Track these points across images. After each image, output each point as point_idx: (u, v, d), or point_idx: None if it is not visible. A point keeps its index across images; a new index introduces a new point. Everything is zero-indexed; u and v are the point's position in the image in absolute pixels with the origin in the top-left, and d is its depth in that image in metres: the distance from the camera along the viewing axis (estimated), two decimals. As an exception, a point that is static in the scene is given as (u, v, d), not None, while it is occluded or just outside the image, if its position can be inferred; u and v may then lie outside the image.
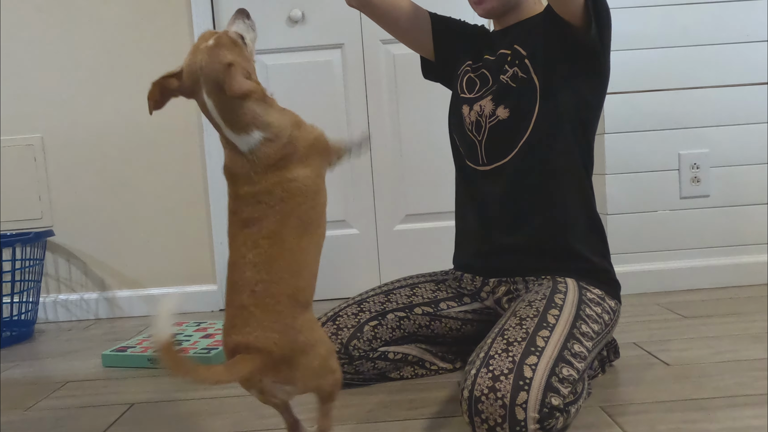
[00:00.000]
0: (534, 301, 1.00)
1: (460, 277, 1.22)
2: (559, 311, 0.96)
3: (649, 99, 1.79)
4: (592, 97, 1.14)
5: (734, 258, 1.81)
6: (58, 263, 1.98)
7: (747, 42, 1.77)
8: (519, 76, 1.10)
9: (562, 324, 0.94)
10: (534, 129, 1.09)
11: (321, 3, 1.95)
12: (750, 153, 1.80)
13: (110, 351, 1.44)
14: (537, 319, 0.94)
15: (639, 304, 1.67)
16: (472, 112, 1.16)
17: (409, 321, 1.14)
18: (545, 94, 1.08)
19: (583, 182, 1.14)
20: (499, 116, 1.11)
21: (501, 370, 0.84)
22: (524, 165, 1.11)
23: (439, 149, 1.99)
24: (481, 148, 1.15)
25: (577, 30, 1.03)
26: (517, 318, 0.95)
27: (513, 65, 1.11)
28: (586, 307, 1.01)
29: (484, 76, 1.16)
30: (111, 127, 1.94)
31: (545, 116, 1.09)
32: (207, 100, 0.77)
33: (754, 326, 1.39)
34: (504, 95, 1.11)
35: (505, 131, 1.11)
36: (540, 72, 1.09)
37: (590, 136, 1.15)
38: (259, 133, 0.77)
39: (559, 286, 1.04)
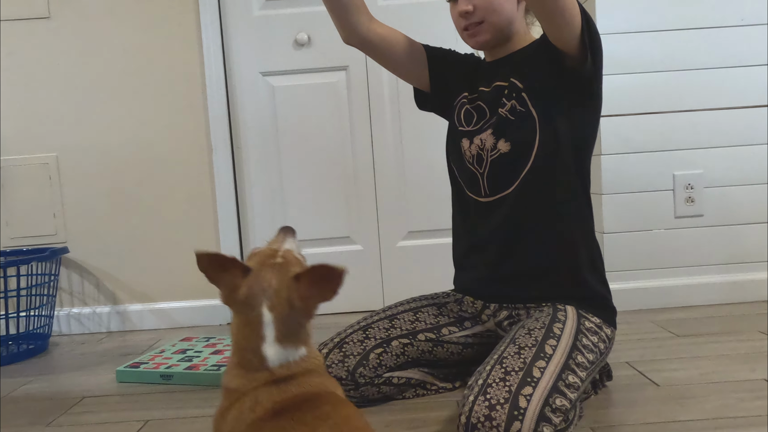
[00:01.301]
0: (533, 329, 1.04)
1: (461, 300, 1.27)
2: (557, 341, 1.01)
3: (645, 121, 1.84)
4: (588, 124, 1.19)
5: (727, 276, 1.86)
6: (72, 278, 2.05)
7: (739, 66, 1.83)
8: (517, 110, 1.14)
9: (559, 354, 0.99)
10: (535, 159, 1.13)
11: (327, 27, 1.99)
12: (742, 174, 1.85)
13: (124, 367, 1.51)
14: (535, 349, 0.99)
15: (634, 322, 1.72)
16: (472, 146, 1.19)
17: (412, 347, 1.19)
18: (544, 125, 1.12)
19: (583, 209, 1.19)
20: (500, 150, 1.15)
21: (498, 399, 0.90)
22: (526, 194, 1.15)
23: (441, 168, 2.03)
24: (484, 181, 1.19)
25: (573, 60, 1.08)
26: (516, 346, 1.00)
27: (510, 98, 1.15)
28: (583, 336, 1.06)
29: (481, 108, 1.20)
30: (123, 147, 2.01)
31: (545, 146, 1.13)
32: (266, 314, 0.74)
33: (743, 346, 1.44)
34: (504, 128, 1.15)
35: (507, 164, 1.15)
36: (538, 104, 1.13)
37: (587, 163, 1.20)
38: (303, 350, 0.76)
39: (559, 314, 1.09)
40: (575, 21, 1.02)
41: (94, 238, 2.03)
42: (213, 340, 1.71)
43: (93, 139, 2.01)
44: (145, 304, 2.05)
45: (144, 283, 2.05)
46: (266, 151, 2.04)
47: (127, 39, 1.98)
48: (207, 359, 1.53)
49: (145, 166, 2.02)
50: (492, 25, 1.16)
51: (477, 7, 1.15)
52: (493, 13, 1.15)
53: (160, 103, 2.00)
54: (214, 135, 2.00)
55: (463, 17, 1.17)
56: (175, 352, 1.61)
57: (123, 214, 2.02)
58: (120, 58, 1.99)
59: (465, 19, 1.17)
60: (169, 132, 2.01)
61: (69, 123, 2.00)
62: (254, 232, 2.07)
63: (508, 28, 1.18)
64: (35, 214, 2.02)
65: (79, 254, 2.03)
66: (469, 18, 1.16)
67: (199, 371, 1.44)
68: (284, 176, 2.05)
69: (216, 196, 2.01)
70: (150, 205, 2.03)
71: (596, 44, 1.08)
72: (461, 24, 1.19)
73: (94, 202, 2.02)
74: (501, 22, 1.17)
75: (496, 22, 1.16)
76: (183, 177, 2.02)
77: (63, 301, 2.05)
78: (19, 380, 1.56)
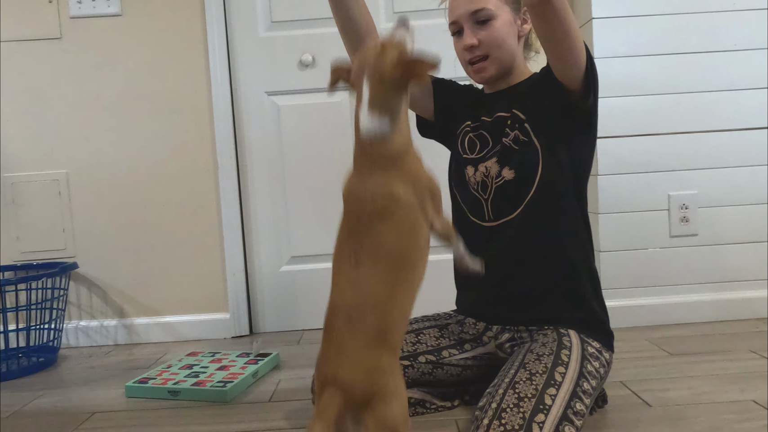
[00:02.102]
0: (542, 355, 1.09)
1: (463, 321, 1.32)
2: (565, 369, 1.06)
3: (641, 143, 1.89)
4: (586, 152, 1.24)
5: (720, 294, 1.90)
6: (80, 291, 2.09)
7: (732, 90, 1.88)
8: (521, 139, 1.19)
9: (568, 382, 1.04)
10: (538, 186, 1.18)
11: (330, 48, 2.06)
12: (736, 194, 1.89)
13: (133, 382, 1.55)
14: (546, 376, 1.03)
15: (629, 339, 1.76)
16: (477, 173, 1.24)
17: (413, 369, 1.23)
18: (546, 153, 1.18)
19: (583, 234, 1.23)
20: (505, 177, 1.20)
21: (512, 425, 0.94)
22: (529, 219, 1.20)
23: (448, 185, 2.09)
24: (488, 206, 1.24)
25: (575, 95, 1.13)
26: (527, 372, 1.05)
27: (513, 128, 1.20)
28: (588, 363, 1.10)
29: (484, 137, 1.25)
30: (132, 164, 2.06)
31: (548, 174, 1.18)
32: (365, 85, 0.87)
33: (734, 366, 1.48)
34: (508, 157, 1.20)
35: (511, 190, 1.20)
36: (540, 134, 1.18)
37: (585, 188, 1.25)
38: (387, 122, 0.86)
39: (564, 340, 1.14)
40: (582, 60, 1.08)
41: (102, 253, 2.08)
42: (218, 355, 1.76)
43: (102, 156, 2.06)
44: (151, 318, 2.10)
45: (150, 297, 2.09)
46: (271, 169, 2.09)
47: (136, 59, 2.04)
48: (213, 375, 1.57)
49: (153, 182, 2.07)
50: (496, 59, 1.21)
51: (481, 42, 1.20)
52: (497, 48, 1.20)
53: (168, 121, 2.05)
54: (220, 153, 2.04)
55: (467, 51, 1.22)
56: (182, 368, 1.65)
57: (130, 230, 2.07)
58: (129, 78, 2.04)
59: (469, 53, 1.21)
60: (176, 150, 2.06)
61: (79, 141, 2.05)
62: (258, 248, 2.11)
63: (510, 63, 1.23)
64: (45, 229, 2.06)
65: (87, 268, 2.08)
66: (473, 52, 1.21)
67: (206, 387, 1.48)
68: (288, 193, 2.10)
69: (221, 213, 2.06)
70: (157, 220, 2.07)
71: (596, 82, 1.14)
72: (465, 57, 1.24)
73: (103, 218, 2.07)
74: (504, 57, 1.22)
75: (500, 57, 1.21)
76: (189, 194, 2.07)
77: (71, 314, 2.09)
78: (30, 394, 1.60)
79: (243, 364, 1.66)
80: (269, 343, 1.97)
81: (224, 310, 2.10)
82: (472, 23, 1.20)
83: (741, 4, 1.86)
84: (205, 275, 2.09)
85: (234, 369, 1.61)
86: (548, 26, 1.02)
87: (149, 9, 2.02)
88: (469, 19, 1.20)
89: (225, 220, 2.06)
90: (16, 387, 1.68)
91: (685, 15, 1.86)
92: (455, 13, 1.23)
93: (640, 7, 1.85)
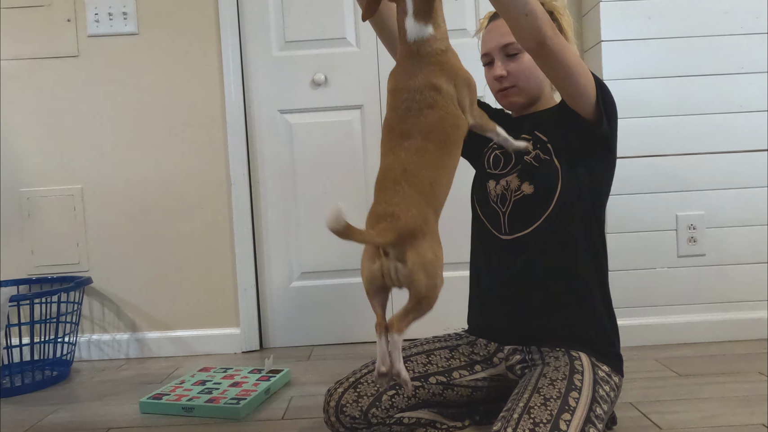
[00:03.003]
0: (556, 380, 1.11)
1: (474, 342, 1.33)
2: (579, 393, 1.08)
3: (649, 163, 1.91)
4: (605, 176, 1.27)
5: (728, 314, 1.92)
6: (93, 305, 2.12)
7: (740, 112, 1.90)
8: (541, 157, 1.24)
9: (581, 407, 1.05)
10: (556, 204, 1.22)
11: (342, 67, 2.10)
12: (743, 215, 1.91)
13: (147, 398, 1.57)
14: (560, 401, 1.05)
15: (638, 359, 1.77)
16: (498, 186, 1.28)
17: (423, 390, 1.25)
18: (566, 173, 1.22)
19: (599, 254, 1.26)
20: (524, 191, 1.24)
21: None
22: (545, 236, 1.23)
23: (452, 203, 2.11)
24: (505, 219, 1.27)
25: (590, 123, 1.18)
26: (541, 397, 1.06)
27: (535, 147, 1.25)
28: (599, 387, 1.12)
29: (508, 154, 1.30)
30: (146, 180, 2.09)
31: (566, 193, 1.22)
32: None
33: (743, 388, 1.49)
34: (528, 173, 1.24)
35: (529, 204, 1.24)
36: (560, 155, 1.23)
37: (603, 212, 1.28)
38: (431, 28, 0.99)
39: (576, 364, 1.15)
40: (589, 90, 1.13)
41: (115, 267, 2.10)
42: (230, 371, 1.78)
43: (117, 172, 2.09)
44: (162, 332, 2.12)
45: (162, 312, 2.12)
46: (283, 186, 2.12)
47: (152, 77, 2.07)
48: (226, 392, 1.59)
49: (166, 198, 2.10)
50: (523, 89, 1.28)
51: (510, 73, 1.27)
52: (525, 79, 1.27)
53: (182, 138, 2.09)
54: (233, 169, 2.07)
55: (497, 81, 1.29)
56: (195, 384, 1.67)
57: (143, 245, 2.10)
58: (145, 95, 2.08)
59: (499, 83, 1.29)
60: (189, 166, 2.09)
61: (94, 156, 2.09)
62: (270, 264, 2.14)
63: (537, 93, 1.30)
64: (60, 244, 2.09)
65: (100, 283, 2.11)
66: (502, 82, 1.28)
67: (219, 404, 1.50)
68: (299, 209, 2.12)
69: (233, 228, 2.09)
70: (169, 235, 2.10)
71: (610, 109, 1.18)
72: (495, 87, 1.31)
73: (116, 233, 2.10)
74: (531, 87, 1.28)
75: (527, 87, 1.28)
76: (202, 209, 2.10)
77: (84, 327, 2.12)
78: (45, 409, 1.62)
79: (255, 380, 1.67)
80: (279, 359, 1.98)
81: (235, 325, 2.12)
82: (502, 56, 1.27)
83: (748, 28, 1.88)
84: (217, 290, 2.11)
85: (246, 386, 1.63)
86: (548, 66, 1.10)
87: (165, 28, 2.06)
88: (500, 51, 1.27)
89: (237, 236, 2.09)
90: (30, 401, 1.70)
91: (693, 38, 1.88)
92: (487, 45, 1.30)
93: (649, 30, 1.88)
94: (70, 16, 2.05)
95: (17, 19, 2.05)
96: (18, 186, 2.08)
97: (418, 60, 0.98)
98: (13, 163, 2.08)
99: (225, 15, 2.04)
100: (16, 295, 1.81)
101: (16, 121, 2.08)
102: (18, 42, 2.06)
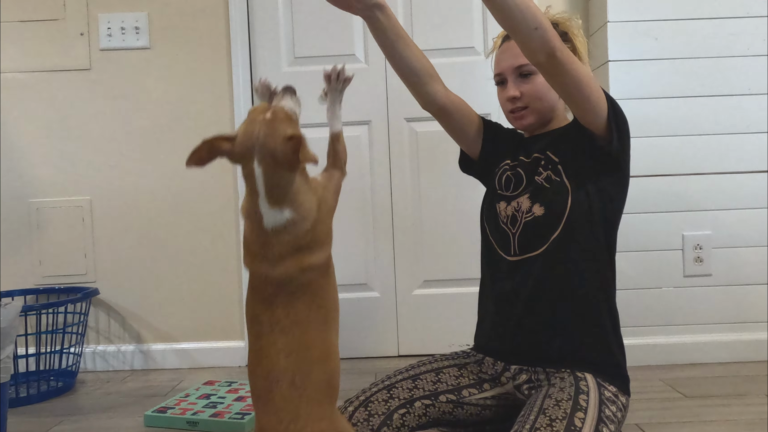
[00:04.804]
0: (561, 401, 1.10)
1: (482, 361, 1.33)
2: (584, 414, 1.07)
3: (655, 183, 1.91)
4: (616, 196, 1.26)
5: (735, 335, 1.91)
6: (99, 316, 2.12)
7: (748, 133, 1.90)
8: (552, 179, 1.24)
9: (587, 428, 1.05)
10: (565, 225, 1.21)
11: (351, 83, 2.10)
12: (750, 235, 1.91)
13: (151, 412, 1.57)
14: (566, 422, 1.05)
15: (644, 379, 1.77)
16: (509, 208, 1.28)
17: (434, 408, 1.25)
18: (576, 195, 1.21)
19: (607, 276, 1.25)
20: (534, 213, 1.24)
21: None
22: (554, 257, 1.22)
23: (457, 219, 2.13)
24: (515, 240, 1.27)
25: (602, 139, 1.18)
26: (547, 418, 1.06)
27: (547, 168, 1.25)
28: (605, 408, 1.12)
29: (519, 175, 1.30)
30: (154, 193, 2.10)
31: (576, 215, 1.21)
32: (257, 168, 0.83)
33: (749, 411, 1.48)
34: (539, 194, 1.24)
35: (539, 226, 1.23)
36: (571, 176, 1.22)
37: (614, 234, 1.27)
38: (289, 212, 0.84)
39: (581, 384, 1.15)
40: (600, 105, 1.14)
41: (122, 279, 2.11)
42: (235, 385, 1.78)
43: (126, 184, 2.10)
44: (167, 344, 2.12)
45: (167, 324, 2.12)
46: (290, 200, 2.13)
47: (163, 91, 2.09)
48: (231, 406, 1.59)
49: (174, 211, 2.11)
50: (535, 110, 1.28)
51: (523, 94, 1.27)
52: (537, 101, 1.27)
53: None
54: (240, 183, 2.09)
55: (510, 102, 1.29)
56: (200, 397, 1.67)
57: (150, 257, 2.11)
58: (155, 109, 2.10)
59: (512, 103, 1.29)
60: (197, 179, 2.11)
61: (104, 168, 2.11)
62: (275, 277, 2.14)
63: (550, 113, 1.30)
64: (67, 254, 2.11)
65: (106, 294, 2.11)
66: (515, 103, 1.28)
67: (224, 419, 1.50)
68: (306, 224, 2.13)
69: (240, 242, 2.10)
70: (176, 248, 2.11)
71: (622, 126, 1.18)
72: (508, 107, 1.31)
73: (124, 245, 2.11)
74: (544, 108, 1.29)
75: (540, 108, 1.28)
76: (210, 222, 2.11)
77: (89, 338, 2.12)
78: (50, 420, 1.63)
79: (260, 395, 1.67)
80: (284, 373, 1.98)
81: (239, 338, 2.12)
82: (515, 76, 1.28)
83: (755, 49, 1.89)
84: (222, 302, 2.11)
85: (251, 400, 1.63)
86: (558, 80, 1.10)
87: (177, 43, 2.08)
88: (513, 72, 1.28)
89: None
90: (35, 412, 1.70)
91: (700, 59, 1.90)
92: (500, 65, 1.30)
93: (656, 51, 1.89)
94: (83, 30, 2.08)
95: (31, 33, 2.08)
96: (27, 196, 2.10)
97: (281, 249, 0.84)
98: (22, 173, 2.10)
99: (236, 30, 2.06)
100: (24, 306, 1.82)
101: (27, 132, 2.10)
102: (31, 55, 2.08)
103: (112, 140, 2.10)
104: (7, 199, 2.10)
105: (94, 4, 2.07)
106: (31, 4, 2.07)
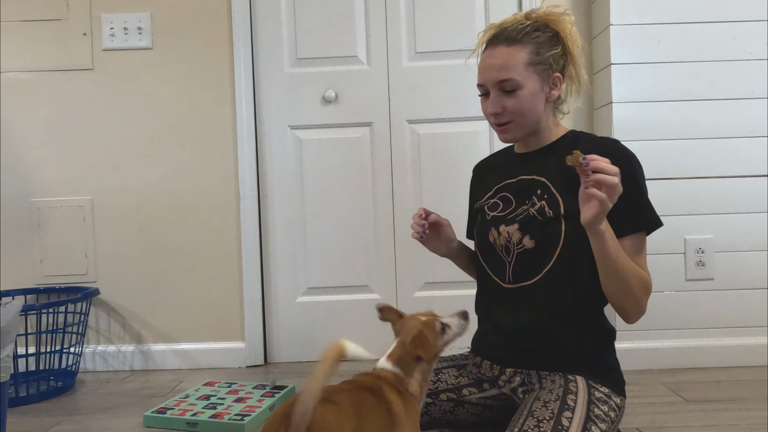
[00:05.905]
0: (549, 402, 1.10)
1: (480, 364, 1.33)
2: (572, 413, 1.07)
3: (657, 186, 1.91)
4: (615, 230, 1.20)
5: (736, 339, 1.90)
6: (99, 316, 2.12)
7: (750, 136, 1.90)
8: (546, 212, 1.19)
9: (574, 427, 1.04)
10: (558, 258, 1.19)
11: (352, 85, 2.11)
12: (752, 239, 1.91)
13: (151, 412, 1.56)
14: (552, 421, 1.04)
15: (644, 383, 1.76)
16: (501, 237, 1.25)
17: (435, 407, 1.25)
18: (569, 228, 1.17)
19: (600, 295, 1.21)
20: (525, 245, 1.21)
21: None
22: (548, 286, 1.21)
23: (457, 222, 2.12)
24: (510, 269, 1.25)
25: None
26: (534, 419, 1.06)
27: (542, 199, 1.21)
28: (595, 407, 1.11)
29: (508, 198, 1.27)
30: (155, 193, 2.10)
31: (568, 248, 1.18)
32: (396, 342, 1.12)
33: (750, 416, 1.48)
34: (530, 226, 1.21)
35: (531, 258, 1.21)
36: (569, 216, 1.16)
37: None
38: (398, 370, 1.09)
39: (570, 385, 1.14)
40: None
41: (123, 279, 2.11)
42: (235, 386, 1.77)
43: (127, 184, 2.10)
44: (167, 344, 2.12)
45: (168, 324, 2.12)
46: (291, 201, 2.13)
47: (165, 91, 2.10)
48: (230, 407, 1.59)
49: (175, 211, 2.11)
50: (519, 125, 1.23)
51: (506, 109, 1.21)
52: (521, 116, 1.22)
53: (193, 152, 2.10)
54: (242, 183, 2.09)
55: (492, 116, 1.25)
56: (199, 398, 1.67)
57: (151, 257, 2.11)
58: (157, 110, 2.10)
59: (494, 117, 1.24)
60: (199, 180, 2.11)
61: (105, 168, 2.11)
62: (276, 278, 2.14)
63: (535, 126, 1.25)
64: (68, 254, 2.10)
65: (107, 293, 2.11)
66: (498, 118, 1.24)
67: (224, 420, 1.50)
68: (307, 224, 2.13)
69: (242, 242, 2.10)
70: (177, 248, 2.11)
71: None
72: (491, 120, 1.27)
73: (125, 245, 2.11)
74: (528, 123, 1.23)
75: (524, 123, 1.23)
76: (211, 223, 2.11)
77: (89, 338, 2.12)
78: (50, 420, 1.62)
79: (260, 396, 1.67)
80: (284, 374, 1.98)
81: (240, 338, 2.12)
82: (498, 90, 1.21)
83: (758, 54, 1.89)
84: (223, 303, 2.11)
85: (251, 402, 1.63)
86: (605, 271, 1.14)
87: (179, 43, 2.08)
88: (495, 86, 1.22)
89: (244, 250, 2.09)
90: (35, 412, 1.70)
91: (702, 63, 1.89)
92: (483, 77, 1.24)
93: (659, 54, 1.89)
94: (86, 30, 2.08)
95: (34, 32, 2.08)
96: (28, 196, 2.10)
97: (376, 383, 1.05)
98: (24, 173, 2.10)
99: (238, 31, 2.06)
100: (24, 305, 1.81)
101: (29, 131, 2.10)
102: (34, 54, 2.09)
103: (114, 140, 2.11)
104: (8, 199, 2.10)
105: (97, 4, 2.08)
106: (34, 3, 2.07)
